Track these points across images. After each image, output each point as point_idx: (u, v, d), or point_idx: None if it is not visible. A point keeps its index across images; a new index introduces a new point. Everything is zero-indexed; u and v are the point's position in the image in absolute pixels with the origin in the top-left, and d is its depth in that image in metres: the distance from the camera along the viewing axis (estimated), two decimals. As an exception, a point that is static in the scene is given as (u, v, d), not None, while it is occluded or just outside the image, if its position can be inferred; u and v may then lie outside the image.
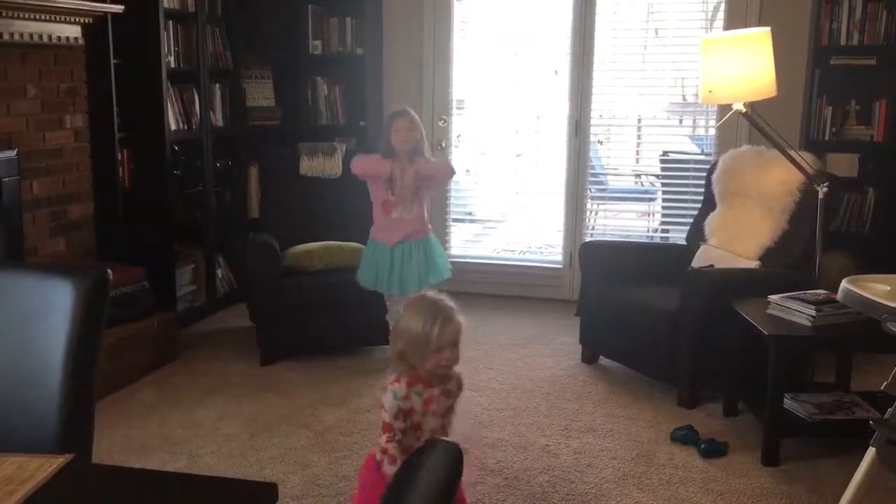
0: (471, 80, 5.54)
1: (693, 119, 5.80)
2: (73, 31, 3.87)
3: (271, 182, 4.76)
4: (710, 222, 4.24)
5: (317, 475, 3.10)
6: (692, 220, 4.51)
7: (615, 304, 4.09)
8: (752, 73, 3.61)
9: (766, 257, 3.93)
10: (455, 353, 2.24)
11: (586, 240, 5.16)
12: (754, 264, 3.92)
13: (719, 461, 3.24)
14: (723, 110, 4.54)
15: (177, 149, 4.70)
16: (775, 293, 3.40)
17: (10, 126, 3.70)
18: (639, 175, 6.23)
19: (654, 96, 5.42)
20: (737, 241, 4.06)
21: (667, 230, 5.48)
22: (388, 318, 4.01)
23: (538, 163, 5.99)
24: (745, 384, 3.55)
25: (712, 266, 3.93)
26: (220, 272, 5.19)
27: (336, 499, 2.92)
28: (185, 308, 4.81)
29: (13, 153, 3.67)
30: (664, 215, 5.61)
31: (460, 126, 5.63)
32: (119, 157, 4.36)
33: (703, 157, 5.50)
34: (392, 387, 2.24)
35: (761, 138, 3.85)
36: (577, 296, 4.49)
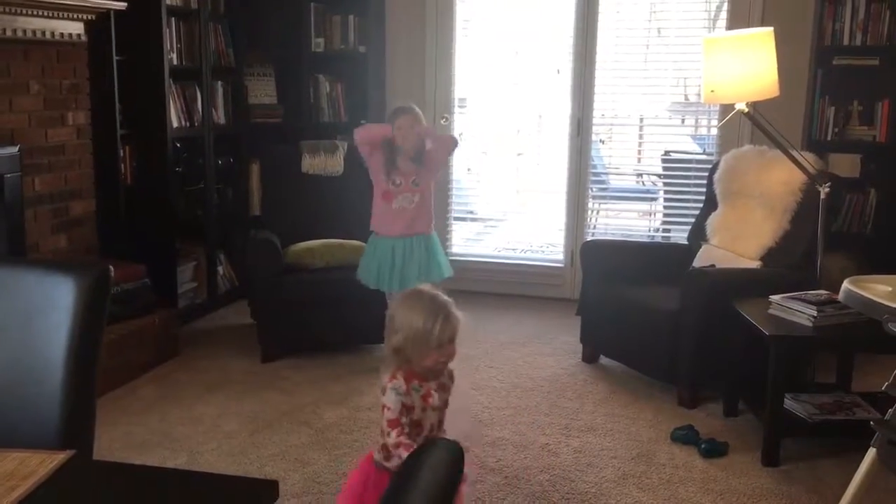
0: (473, 78, 5.54)
1: (695, 119, 5.80)
2: (75, 28, 3.87)
3: (273, 180, 4.76)
4: (712, 222, 4.24)
5: (317, 473, 3.10)
6: (693, 220, 4.51)
7: (616, 303, 4.09)
8: (754, 72, 3.60)
9: (768, 257, 3.93)
10: (453, 349, 2.24)
11: (587, 239, 5.16)
12: (756, 264, 3.92)
13: (719, 461, 3.24)
14: (725, 110, 4.53)
15: (179, 146, 4.71)
16: (776, 293, 3.39)
17: (13, 122, 3.70)
18: (640, 174, 6.23)
19: (656, 96, 5.42)
20: (738, 241, 4.05)
21: (668, 230, 5.48)
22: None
23: (540, 162, 5.98)
24: (746, 384, 3.55)
25: (713, 266, 3.93)
26: (221, 269, 5.20)
27: (336, 496, 2.92)
28: (187, 305, 4.81)
29: (15, 149, 3.67)
30: (666, 215, 5.62)
31: (462, 124, 5.63)
32: (121, 154, 4.37)
33: (704, 156, 5.50)
34: (392, 384, 2.21)
35: (763, 138, 3.85)
36: (578, 295, 4.49)
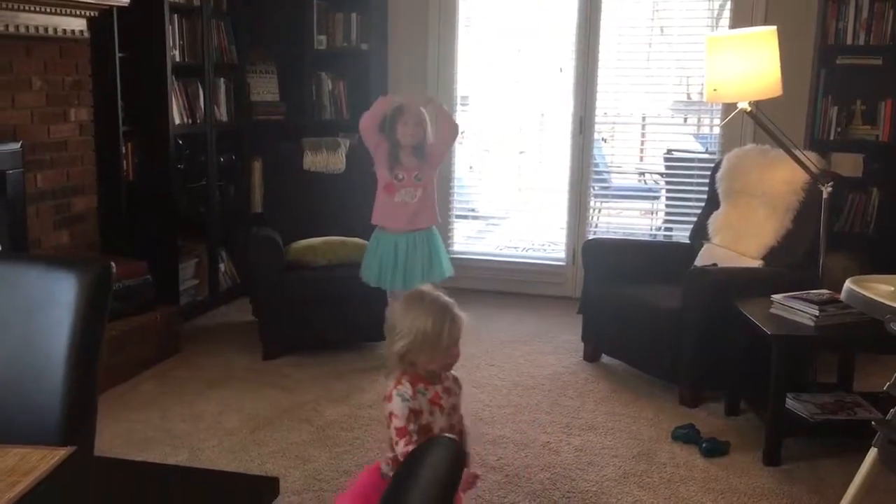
0: (475, 76, 5.53)
1: (698, 117, 5.80)
2: (78, 24, 3.87)
3: (275, 177, 4.76)
4: (714, 221, 4.24)
5: (318, 470, 3.11)
6: (696, 219, 4.51)
7: (618, 301, 4.09)
8: (757, 71, 3.60)
9: (770, 257, 3.92)
10: (458, 351, 2.22)
11: (589, 237, 5.16)
12: (758, 263, 3.92)
13: (720, 460, 3.24)
14: (727, 109, 4.53)
15: (181, 143, 4.71)
16: (778, 293, 3.39)
17: (15, 118, 3.70)
18: (643, 173, 6.23)
19: (658, 94, 5.41)
20: (740, 240, 4.05)
21: (670, 228, 5.48)
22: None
23: (542, 160, 5.98)
24: (748, 383, 3.55)
25: (715, 265, 3.93)
26: (222, 266, 5.20)
27: (337, 494, 2.92)
28: (188, 302, 4.81)
29: (17, 145, 3.68)
30: (668, 213, 5.61)
31: (464, 122, 5.62)
32: (123, 151, 4.37)
33: (707, 155, 5.50)
34: (397, 390, 2.16)
35: (766, 137, 3.84)
36: (580, 293, 4.49)
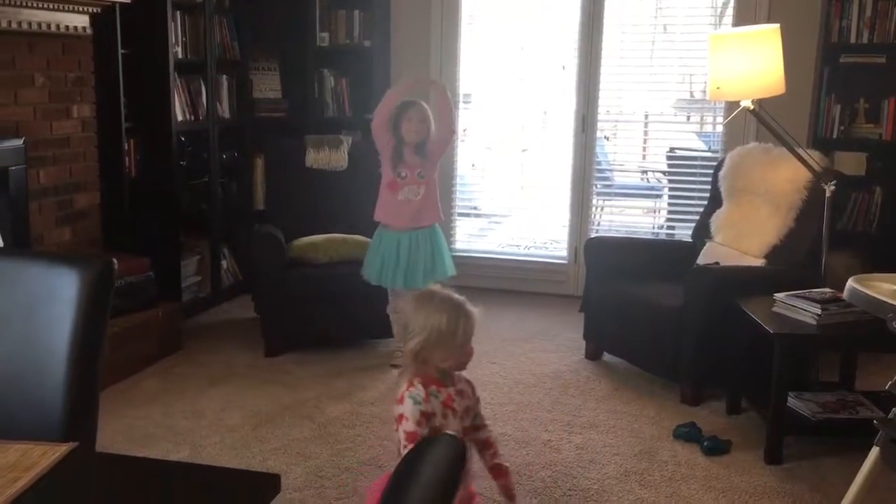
0: (478, 74, 5.53)
1: (700, 116, 5.79)
2: (81, 21, 3.87)
3: (277, 174, 4.76)
4: (716, 219, 4.23)
5: (319, 467, 3.11)
6: (698, 217, 4.50)
7: (619, 300, 4.09)
8: (760, 70, 3.59)
9: (772, 255, 3.92)
10: (472, 348, 2.19)
11: (591, 235, 5.15)
12: (760, 262, 3.91)
13: (722, 459, 3.23)
14: (730, 107, 4.52)
15: (183, 139, 4.71)
16: (781, 291, 3.38)
17: (18, 115, 3.70)
18: (645, 171, 6.23)
19: (661, 92, 5.41)
20: (743, 239, 4.04)
21: (672, 227, 5.48)
22: (388, 311, 4.01)
23: (544, 158, 5.98)
24: (749, 382, 3.55)
25: (717, 263, 3.93)
26: (225, 263, 5.20)
27: (338, 490, 2.93)
28: (190, 299, 4.82)
29: (20, 142, 3.68)
30: (670, 212, 5.61)
31: (467, 120, 5.63)
32: (125, 148, 4.37)
33: (710, 153, 5.49)
34: (409, 392, 2.12)
35: (769, 136, 3.84)
36: (582, 291, 4.49)
